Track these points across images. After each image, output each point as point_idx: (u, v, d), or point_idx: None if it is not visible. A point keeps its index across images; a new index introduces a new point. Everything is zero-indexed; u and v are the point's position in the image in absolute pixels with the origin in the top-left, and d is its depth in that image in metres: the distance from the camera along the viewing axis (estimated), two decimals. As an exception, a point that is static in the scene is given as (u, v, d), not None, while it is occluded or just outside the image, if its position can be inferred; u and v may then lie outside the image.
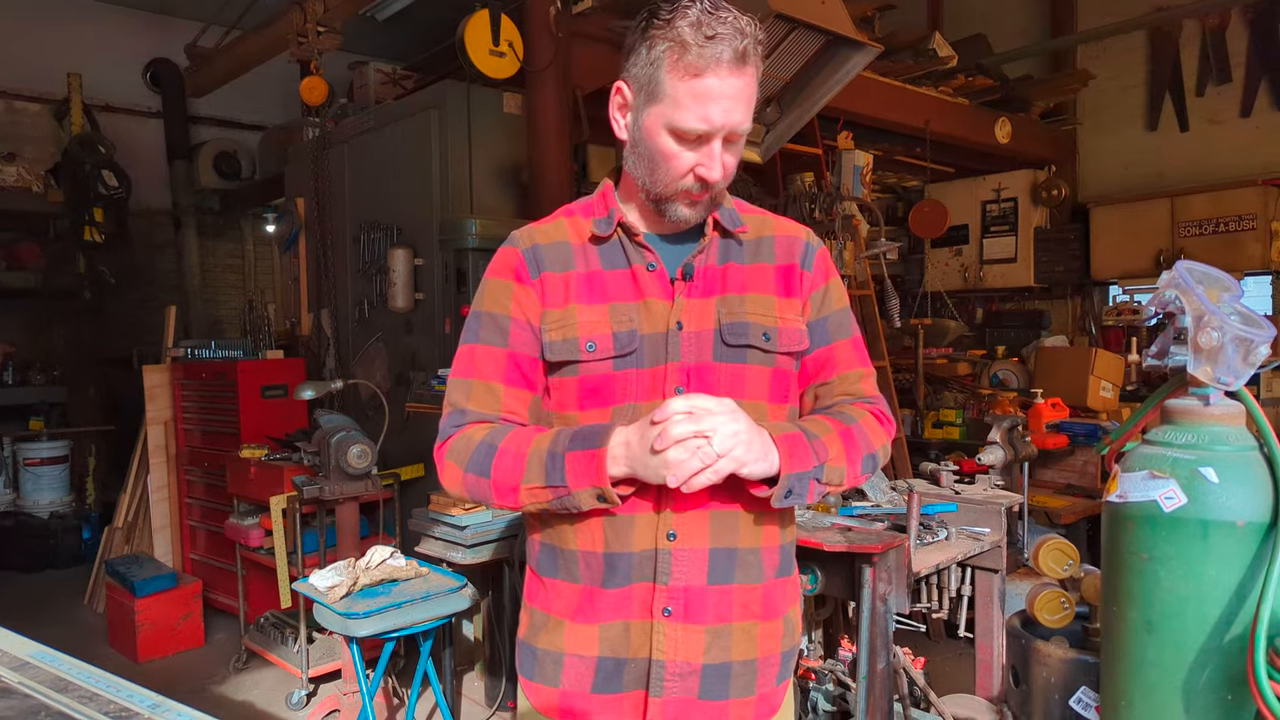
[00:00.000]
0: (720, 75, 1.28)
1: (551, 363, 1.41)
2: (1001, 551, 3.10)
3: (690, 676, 1.36)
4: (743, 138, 1.36)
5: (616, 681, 1.38)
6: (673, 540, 1.35)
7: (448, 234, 4.39)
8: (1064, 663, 1.81)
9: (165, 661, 4.54)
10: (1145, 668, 1.48)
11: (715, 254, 1.43)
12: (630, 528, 1.36)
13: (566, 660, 1.40)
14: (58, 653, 1.38)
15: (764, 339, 1.39)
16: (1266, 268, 6.31)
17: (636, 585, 1.37)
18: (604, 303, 1.39)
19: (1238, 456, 1.43)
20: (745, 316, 1.39)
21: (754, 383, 1.40)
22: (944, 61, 6.03)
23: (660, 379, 1.37)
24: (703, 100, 1.29)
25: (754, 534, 1.40)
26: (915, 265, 7.94)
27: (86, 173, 6.85)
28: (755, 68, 1.32)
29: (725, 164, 1.35)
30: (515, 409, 1.42)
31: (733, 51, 1.28)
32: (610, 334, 1.37)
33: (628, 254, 1.42)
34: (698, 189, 1.36)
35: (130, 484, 5.60)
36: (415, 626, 2.99)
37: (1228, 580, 1.39)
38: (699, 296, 1.39)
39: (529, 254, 1.43)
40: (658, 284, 1.40)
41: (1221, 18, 6.65)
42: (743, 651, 1.39)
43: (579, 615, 1.40)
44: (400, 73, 6.07)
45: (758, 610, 1.41)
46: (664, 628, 1.35)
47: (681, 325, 1.37)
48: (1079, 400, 5.51)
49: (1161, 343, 1.54)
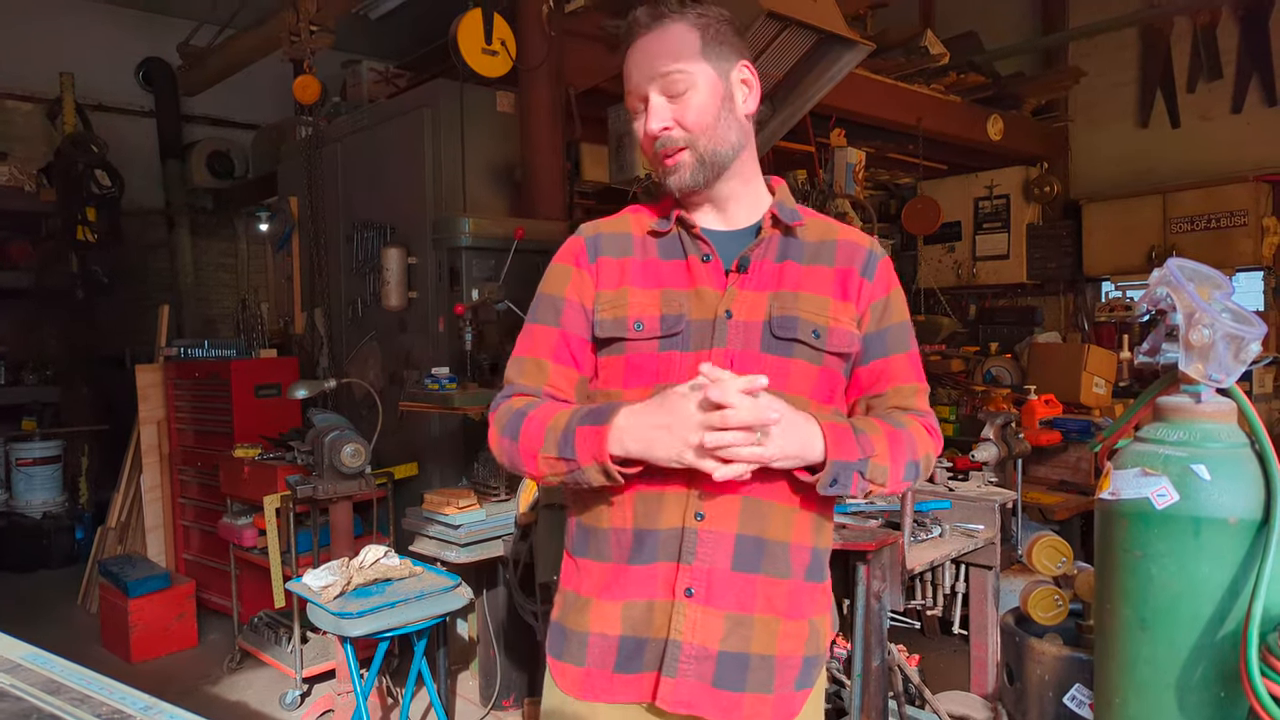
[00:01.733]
0: (637, 38, 1.41)
1: (600, 339, 1.45)
2: (995, 548, 3.11)
3: (706, 661, 1.36)
4: (685, 85, 1.39)
5: (637, 661, 1.39)
6: (700, 520, 1.36)
7: (441, 233, 4.39)
8: (1058, 660, 1.82)
9: (159, 662, 4.53)
10: (1139, 665, 1.48)
11: (774, 250, 1.45)
12: (660, 504, 1.37)
13: (591, 639, 1.42)
14: (50, 655, 1.38)
15: (814, 336, 1.40)
16: (1258, 263, 6.33)
17: (662, 564, 1.38)
18: (657, 287, 1.43)
19: (1229, 453, 1.44)
20: (797, 312, 1.40)
21: (799, 378, 1.40)
22: (936, 59, 6.04)
23: (703, 362, 1.36)
24: (627, 71, 1.42)
25: (785, 528, 1.40)
26: (908, 262, 7.95)
27: (79, 172, 6.81)
28: (678, 21, 1.40)
29: (679, 118, 1.40)
30: (560, 385, 1.46)
31: (643, 14, 1.39)
32: (659, 315, 1.41)
33: (684, 246, 1.46)
34: (660, 148, 1.42)
35: (123, 484, 5.59)
36: (409, 626, 2.99)
37: (1220, 577, 1.40)
38: (752, 289, 1.42)
39: (590, 241, 1.50)
40: (712, 274, 1.43)
41: (1212, 14, 6.67)
42: (762, 645, 1.39)
43: (605, 592, 1.42)
44: (393, 71, 6.06)
45: (782, 607, 1.40)
46: (684, 608, 1.36)
47: (731, 314, 1.40)
48: (1072, 396, 5.52)
49: (1153, 340, 1.54)
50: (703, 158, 1.41)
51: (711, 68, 1.41)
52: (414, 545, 3.66)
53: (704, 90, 1.40)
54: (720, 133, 1.41)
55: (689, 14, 1.40)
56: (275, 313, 6.80)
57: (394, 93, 5.80)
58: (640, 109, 1.42)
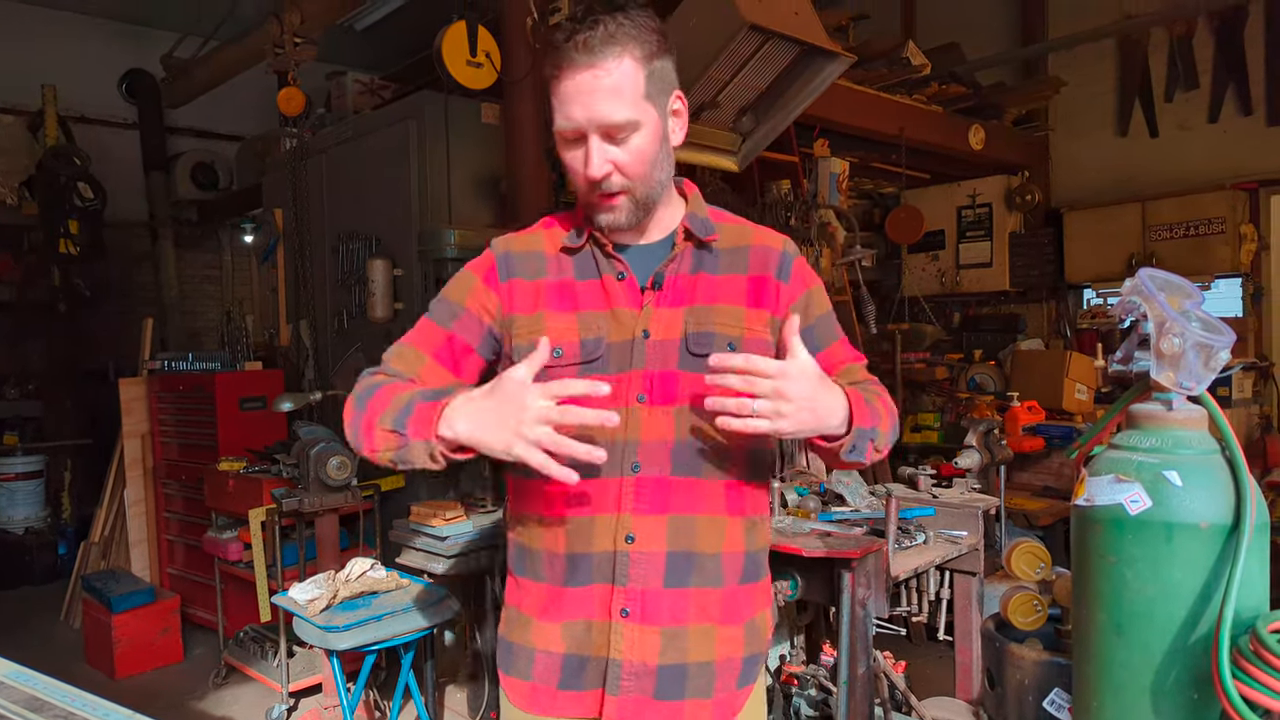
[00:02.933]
0: (570, 74, 1.33)
1: None
2: (979, 554, 3.13)
3: (645, 676, 1.40)
4: (630, 131, 1.35)
5: (579, 679, 1.43)
6: (630, 543, 1.39)
7: (426, 244, 4.40)
8: (1037, 665, 1.84)
9: (143, 677, 4.50)
10: (1115, 669, 1.51)
11: (687, 263, 1.46)
12: (591, 529, 1.41)
13: (536, 655, 1.46)
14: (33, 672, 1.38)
15: (728, 349, 1.40)
16: (1236, 270, 6.40)
17: (597, 585, 1.41)
18: (573, 310, 1.43)
19: (1200, 460, 1.46)
20: (712, 327, 1.42)
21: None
22: (918, 70, 6.09)
23: (625, 385, 1.39)
24: (563, 99, 1.35)
25: (715, 539, 1.43)
26: (893, 270, 8.00)
27: (61, 185, 6.79)
28: (613, 57, 1.32)
29: (618, 162, 1.36)
30: (430, 381, 1.43)
31: (577, 46, 1.32)
32: (577, 341, 1.41)
33: (598, 264, 1.46)
34: (596, 189, 1.38)
35: (106, 498, 5.56)
36: (396, 639, 2.99)
37: (1192, 581, 1.42)
38: (668, 306, 1.43)
39: (501, 259, 1.49)
40: (627, 293, 1.43)
41: (1188, 25, 6.75)
42: (700, 654, 1.42)
43: (545, 613, 1.45)
44: (378, 83, 6.07)
45: (716, 614, 1.44)
46: (621, 628, 1.40)
47: (648, 334, 1.41)
48: (1055, 403, 5.57)
49: (1126, 348, 1.57)
50: (639, 201, 1.40)
51: (653, 108, 1.37)
52: (401, 557, 3.65)
53: (646, 135, 1.37)
54: (656, 174, 1.41)
55: (631, 44, 1.33)
56: (260, 325, 6.79)
57: (379, 104, 5.82)
58: (572, 139, 1.37)
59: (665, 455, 1.40)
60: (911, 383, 6.29)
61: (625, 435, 1.38)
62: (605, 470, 1.37)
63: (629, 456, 1.39)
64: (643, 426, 1.39)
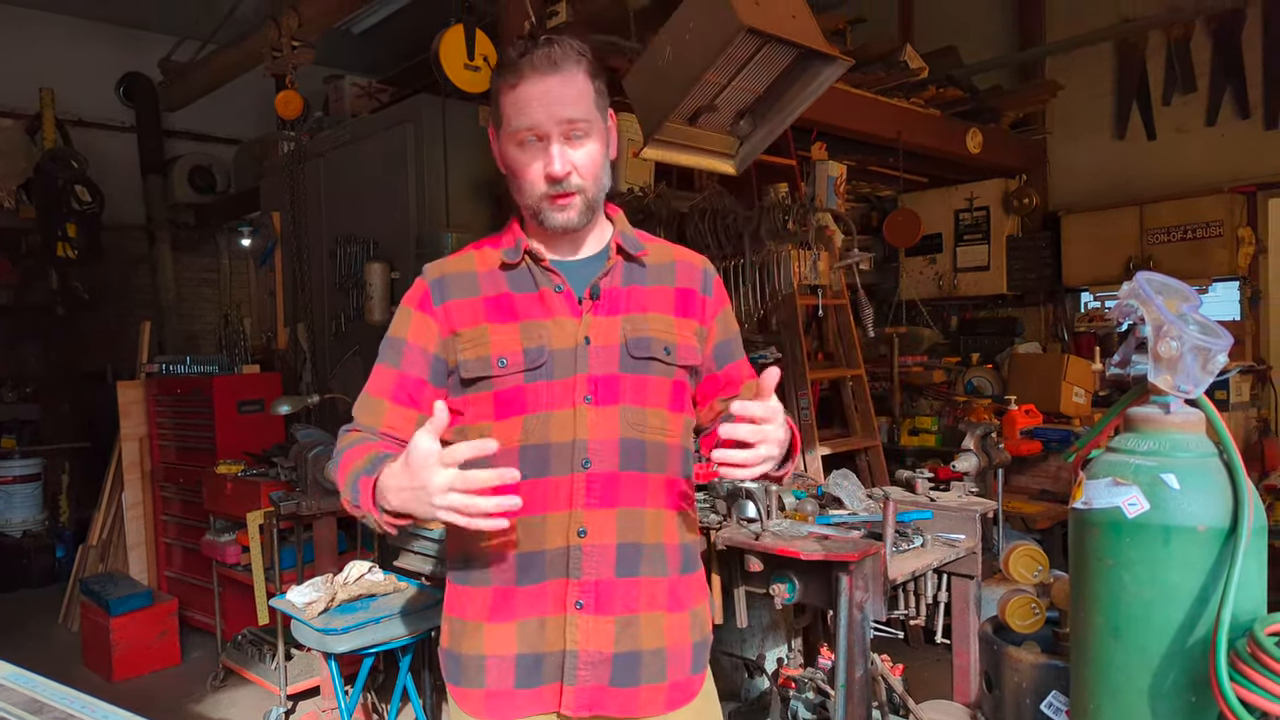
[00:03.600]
0: (531, 79, 1.44)
1: (466, 379, 1.51)
2: (977, 558, 3.13)
3: (601, 665, 1.47)
4: (587, 133, 1.47)
5: (536, 675, 1.48)
6: (583, 537, 1.47)
7: (424, 248, 4.40)
8: (1034, 668, 1.84)
9: (141, 681, 4.50)
10: (1112, 672, 1.51)
11: (619, 276, 1.56)
12: (544, 527, 1.48)
13: (488, 662, 1.50)
14: (32, 674, 1.38)
15: (665, 353, 1.53)
16: (1234, 273, 6.40)
17: (551, 581, 1.48)
18: (515, 321, 1.51)
19: (1198, 463, 1.46)
20: (648, 332, 1.53)
21: (655, 392, 1.53)
22: (915, 73, 6.10)
23: (570, 389, 1.48)
24: (523, 104, 1.45)
25: (657, 531, 1.53)
26: (890, 274, 8.00)
27: (59, 188, 6.79)
28: (573, 70, 1.46)
29: (576, 163, 1.46)
30: (396, 424, 1.53)
31: (540, 57, 1.44)
32: (521, 350, 1.49)
33: (535, 278, 1.54)
34: (555, 189, 1.47)
35: (104, 501, 5.55)
36: (394, 641, 2.99)
37: (1190, 585, 1.42)
38: (605, 314, 1.52)
39: (434, 285, 1.56)
40: (566, 304, 1.52)
41: (1186, 28, 6.76)
42: (651, 640, 1.51)
43: (495, 616, 1.50)
44: (376, 86, 6.08)
45: (664, 602, 1.53)
46: (576, 620, 1.47)
47: (589, 340, 1.50)
48: (1052, 406, 5.58)
49: (1124, 351, 1.57)
50: (589, 203, 1.51)
51: (601, 118, 1.51)
52: (399, 561, 3.64)
53: (597, 145, 1.49)
54: (604, 180, 1.53)
55: (584, 61, 1.48)
56: (258, 328, 6.78)
57: (377, 107, 5.82)
58: (532, 142, 1.46)
59: (614, 452, 1.49)
60: (909, 386, 6.30)
61: (574, 434, 1.48)
62: (556, 468, 1.48)
63: (579, 454, 1.48)
64: (590, 426, 1.48)
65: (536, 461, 1.47)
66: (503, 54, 1.49)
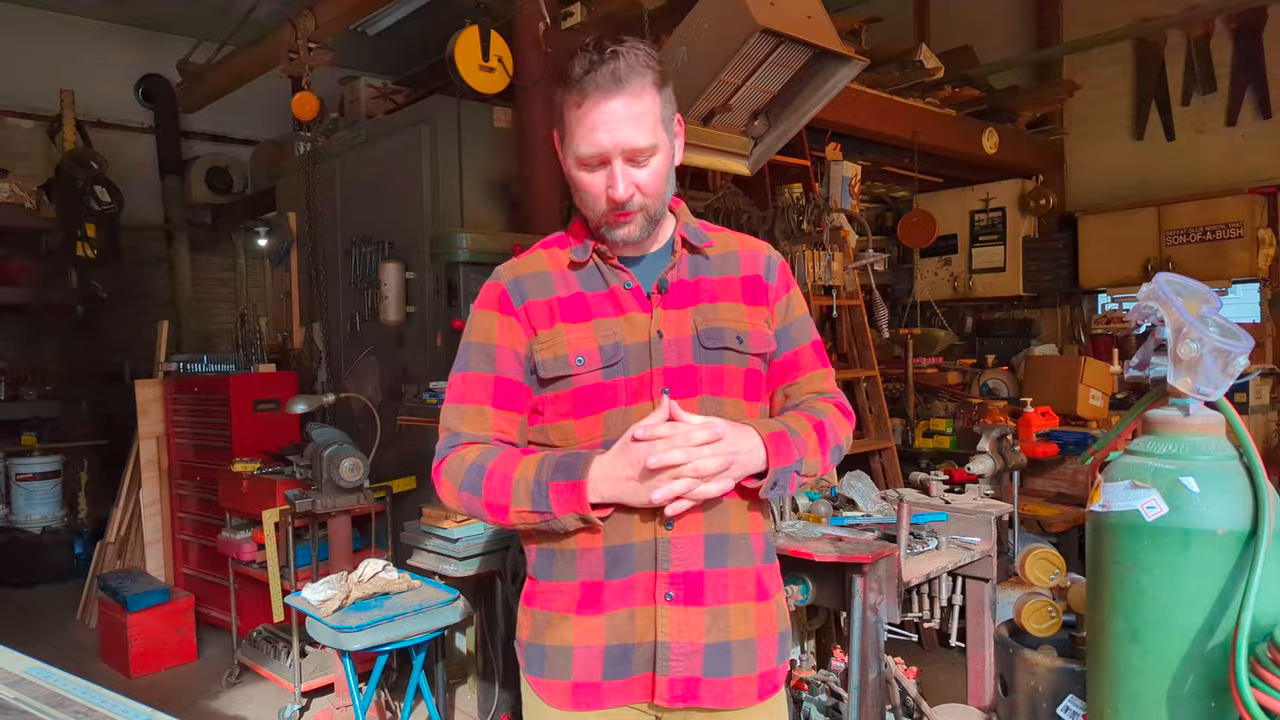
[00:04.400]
0: (597, 101, 1.40)
1: (545, 379, 1.51)
2: (992, 560, 3.11)
3: (694, 655, 1.47)
4: (651, 154, 1.44)
5: (625, 666, 1.48)
6: (670, 529, 1.46)
7: (439, 248, 4.41)
8: (1051, 672, 1.83)
9: (158, 677, 4.52)
10: (1130, 676, 1.49)
11: (685, 269, 1.56)
12: (630, 520, 1.46)
13: (575, 652, 1.49)
14: (53, 669, 1.39)
15: (738, 342, 1.52)
16: (1254, 275, 6.35)
17: (639, 574, 1.47)
18: (588, 320, 1.51)
19: (1218, 466, 1.45)
20: (719, 322, 1.52)
21: (731, 381, 1.53)
22: (931, 73, 6.08)
23: (647, 383, 1.48)
24: (588, 127, 1.41)
25: (742, 521, 1.52)
26: (905, 275, 7.98)
27: (79, 188, 6.85)
28: (639, 87, 1.41)
29: (639, 183, 1.44)
30: (504, 429, 1.53)
31: (605, 76, 1.39)
32: (596, 347, 1.49)
33: (605, 276, 1.54)
34: (617, 208, 1.45)
35: (122, 499, 5.59)
36: (408, 640, 2.99)
37: (1210, 588, 1.41)
38: (675, 307, 1.52)
39: (512, 286, 1.56)
40: (635, 300, 1.52)
41: (1206, 27, 6.71)
42: (741, 631, 1.50)
43: (584, 608, 1.49)
44: (391, 87, 6.10)
45: (751, 592, 1.53)
46: (667, 612, 1.46)
47: (662, 334, 1.50)
48: (1068, 409, 5.55)
49: (1143, 354, 1.56)
50: (651, 217, 1.50)
51: (666, 134, 1.47)
52: (412, 559, 3.66)
53: (662, 159, 1.47)
54: (666, 191, 1.50)
55: (650, 74, 1.43)
56: (274, 328, 6.82)
57: (392, 108, 5.84)
58: (595, 165, 1.44)
59: None
60: (924, 388, 6.27)
61: None
62: None
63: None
64: None
65: None
66: (567, 66, 1.44)
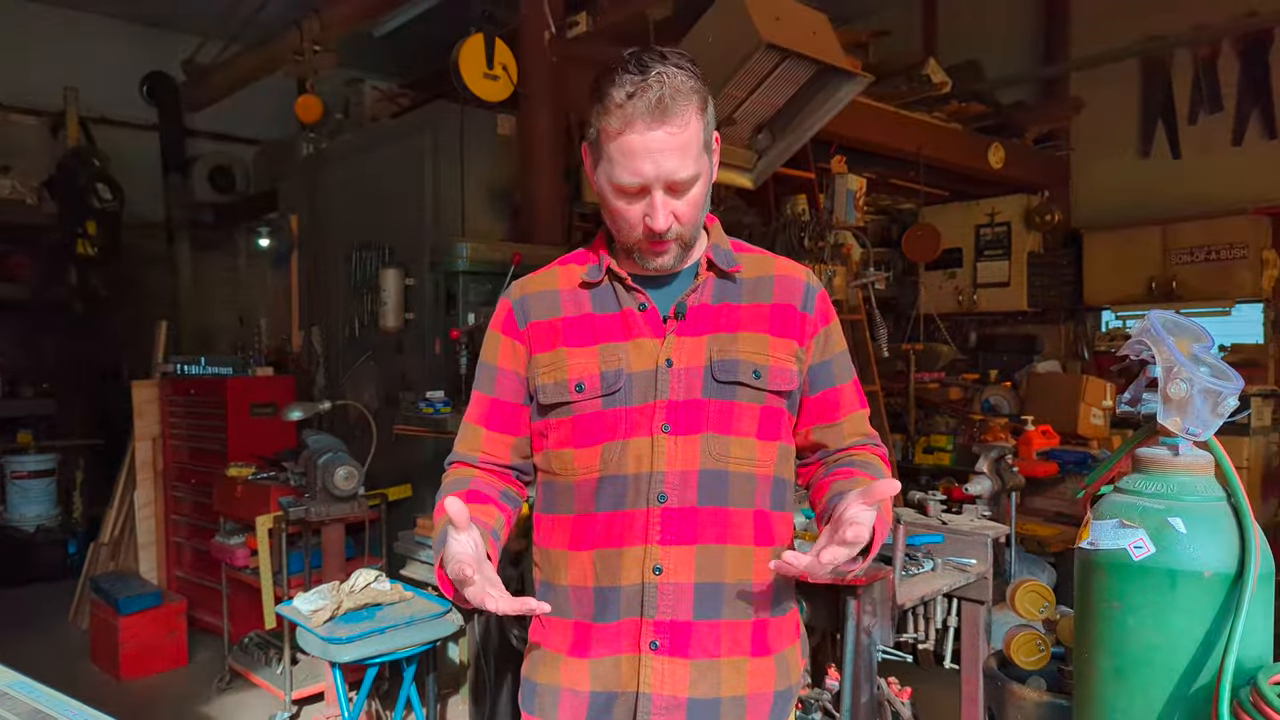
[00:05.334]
0: (640, 130, 1.31)
1: (545, 405, 1.46)
2: (988, 583, 3.09)
3: (676, 710, 1.38)
4: (692, 184, 1.36)
5: (607, 715, 1.42)
6: (659, 574, 1.38)
7: (439, 256, 4.40)
8: (1039, 706, 1.81)
9: (148, 680, 4.51)
10: (1115, 715, 1.48)
11: (710, 293, 1.46)
12: (619, 562, 1.40)
13: (562, 694, 1.44)
14: (35, 684, 1.39)
15: (754, 376, 1.42)
16: (1258, 296, 6.33)
17: (626, 620, 1.40)
18: (593, 344, 1.43)
19: (1206, 507, 1.43)
20: (736, 354, 1.42)
21: (742, 419, 1.42)
22: (937, 88, 6.07)
23: (648, 415, 1.40)
24: (629, 156, 1.32)
25: (743, 569, 1.42)
26: (910, 288, 7.96)
27: (81, 185, 6.86)
28: (684, 114, 1.32)
29: (678, 212, 1.37)
30: (494, 451, 1.52)
31: (649, 105, 1.30)
32: (598, 374, 1.41)
33: (619, 297, 1.46)
34: (654, 238, 1.38)
35: (117, 500, 5.59)
36: (398, 652, 2.98)
37: (1195, 630, 1.39)
38: (690, 335, 1.43)
39: (517, 305, 1.51)
40: (649, 324, 1.44)
41: (1213, 47, 6.70)
42: (732, 688, 1.41)
43: (573, 650, 1.45)
44: (395, 91, 6.10)
45: (746, 646, 1.43)
46: (651, 661, 1.39)
47: (671, 363, 1.41)
48: (1070, 427, 5.52)
49: (1135, 389, 1.55)
50: (686, 243, 1.43)
51: (707, 157, 1.39)
52: (405, 569, 3.65)
53: (702, 186, 1.39)
54: (702, 218, 1.44)
55: (695, 99, 1.34)
56: (273, 330, 6.82)
57: (396, 112, 5.84)
58: (634, 194, 1.36)
59: (692, 485, 1.40)
60: (925, 403, 6.25)
61: (651, 466, 1.39)
62: (632, 501, 1.40)
63: (655, 487, 1.39)
64: (667, 456, 1.39)
65: (614, 493, 1.41)
66: (604, 76, 1.35)
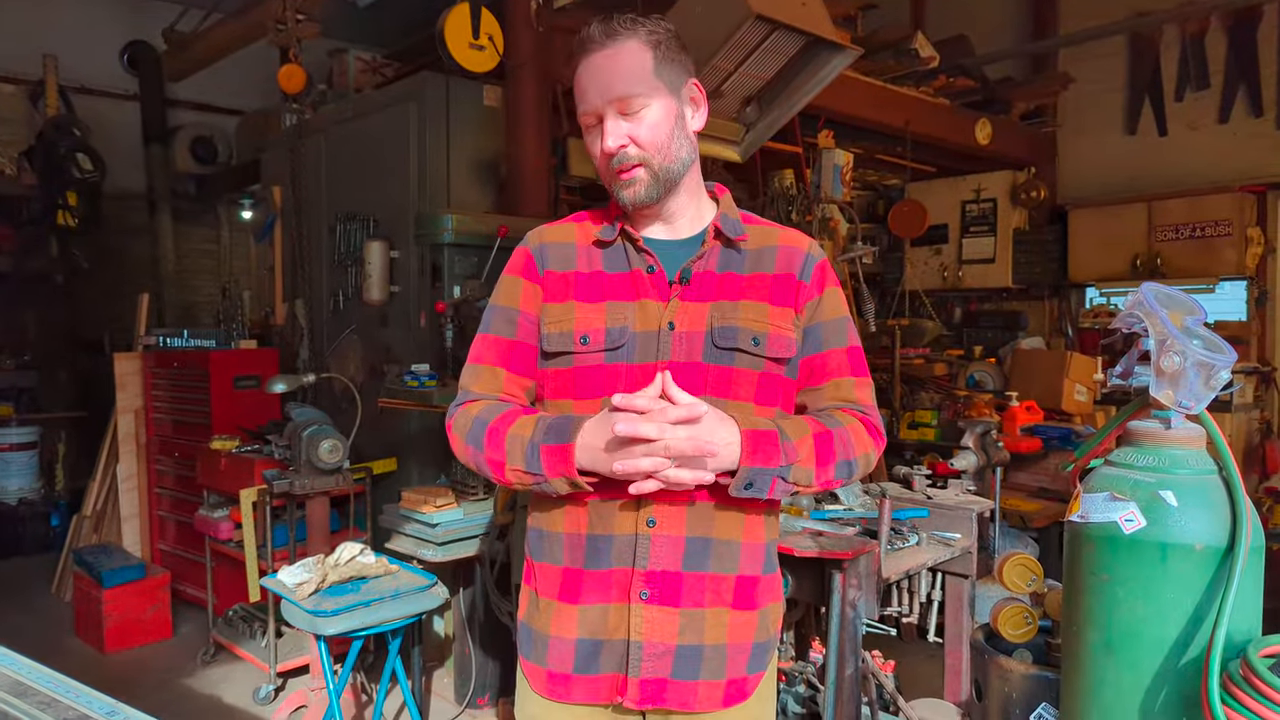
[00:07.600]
0: (590, 54, 1.44)
1: (548, 353, 1.51)
2: (972, 557, 3.11)
3: (665, 656, 1.44)
4: (645, 105, 1.43)
5: (595, 663, 1.46)
6: (652, 526, 1.43)
7: (424, 228, 4.36)
8: (1025, 678, 1.82)
9: (132, 653, 4.49)
10: (1103, 688, 1.49)
11: (715, 261, 1.51)
12: (613, 512, 1.44)
13: (551, 642, 1.49)
14: (17, 656, 1.37)
15: (753, 343, 1.45)
16: (1241, 273, 6.36)
17: (617, 569, 1.45)
18: (601, 300, 1.48)
19: (1197, 480, 1.44)
20: (737, 321, 1.46)
21: (740, 384, 1.46)
22: (926, 62, 6.03)
23: (649, 375, 1.42)
24: (582, 89, 1.45)
25: (731, 527, 1.47)
26: (895, 264, 7.96)
27: (61, 156, 6.74)
28: (627, 40, 1.42)
29: (635, 136, 1.43)
30: (514, 393, 1.55)
31: (595, 31, 1.43)
32: (604, 329, 1.46)
33: (629, 258, 1.51)
34: (616, 164, 1.45)
35: (99, 472, 5.54)
36: (383, 625, 2.97)
37: (1185, 603, 1.40)
38: (694, 300, 1.47)
39: (537, 252, 1.55)
40: (655, 286, 1.48)
41: (1201, 24, 6.69)
42: (714, 636, 1.47)
43: (564, 596, 1.49)
44: (380, 61, 6.00)
45: (729, 599, 1.48)
46: (641, 610, 1.44)
47: (674, 326, 1.45)
48: (1054, 403, 5.55)
49: (1126, 363, 1.55)
50: (657, 174, 1.46)
51: (665, 86, 1.45)
52: (391, 543, 3.64)
53: (658, 109, 1.44)
54: (673, 150, 1.46)
55: (640, 31, 1.43)
56: (256, 302, 6.75)
57: (381, 83, 5.75)
58: (594, 125, 1.46)
59: None
60: (910, 379, 6.26)
61: None
62: None
63: None
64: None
65: None
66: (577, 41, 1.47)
